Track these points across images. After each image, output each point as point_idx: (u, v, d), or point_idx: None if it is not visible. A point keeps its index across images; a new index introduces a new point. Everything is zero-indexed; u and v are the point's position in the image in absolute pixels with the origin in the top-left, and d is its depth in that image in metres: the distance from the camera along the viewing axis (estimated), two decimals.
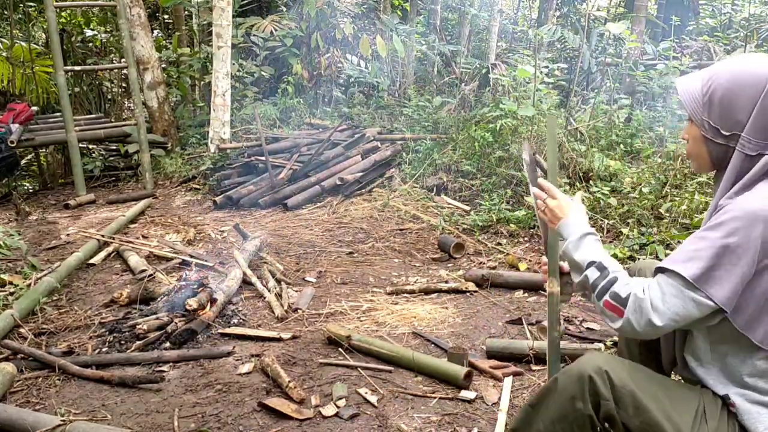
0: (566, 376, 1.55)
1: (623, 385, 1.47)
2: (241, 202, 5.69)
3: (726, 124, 1.44)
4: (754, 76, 1.42)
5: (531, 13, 13.73)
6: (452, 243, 4.36)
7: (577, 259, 1.60)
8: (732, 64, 1.47)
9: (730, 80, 1.44)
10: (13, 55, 8.15)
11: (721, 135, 1.46)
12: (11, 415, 2.32)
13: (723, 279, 1.36)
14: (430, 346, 3.05)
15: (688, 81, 1.54)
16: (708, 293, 1.37)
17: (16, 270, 4.06)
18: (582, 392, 1.50)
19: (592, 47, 7.42)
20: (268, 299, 3.56)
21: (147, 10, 7.98)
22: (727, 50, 8.15)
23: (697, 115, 1.49)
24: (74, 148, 6.32)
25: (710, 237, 1.39)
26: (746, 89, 1.42)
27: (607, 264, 1.55)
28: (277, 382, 2.64)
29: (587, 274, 1.56)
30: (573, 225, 1.67)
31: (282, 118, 7.57)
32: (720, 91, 1.44)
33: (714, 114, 1.46)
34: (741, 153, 1.43)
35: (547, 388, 1.60)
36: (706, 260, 1.37)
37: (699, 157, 1.55)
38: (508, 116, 5.62)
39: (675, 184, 4.70)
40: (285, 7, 8.71)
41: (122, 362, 2.88)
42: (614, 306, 1.48)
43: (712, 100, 1.46)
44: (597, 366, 1.49)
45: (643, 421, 1.45)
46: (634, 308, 1.44)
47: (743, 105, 1.41)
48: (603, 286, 1.51)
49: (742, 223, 1.35)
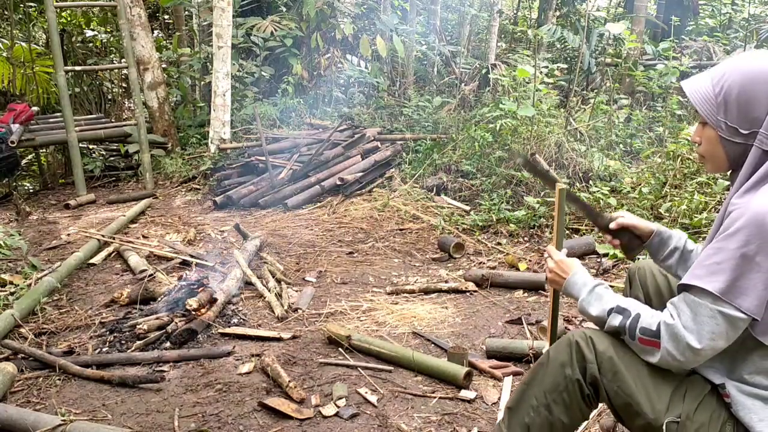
0: (556, 346, 1.63)
1: (604, 350, 1.55)
2: (242, 202, 5.70)
3: (745, 123, 1.43)
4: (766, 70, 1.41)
5: (531, 14, 13.73)
6: (452, 243, 4.36)
7: (595, 313, 1.60)
8: (742, 62, 1.45)
9: (744, 78, 1.42)
10: (13, 56, 8.15)
11: (740, 134, 1.44)
12: (12, 415, 2.33)
13: (749, 288, 1.35)
14: (430, 346, 3.05)
15: (697, 83, 1.51)
16: (736, 304, 1.36)
17: (17, 270, 4.07)
18: (570, 358, 1.58)
19: (592, 47, 7.42)
20: (268, 299, 3.56)
21: (147, 10, 7.99)
22: (726, 50, 8.15)
23: (712, 116, 1.47)
24: (74, 148, 6.33)
25: (728, 248, 1.37)
26: (762, 85, 1.40)
27: (625, 305, 1.54)
28: (277, 382, 2.65)
29: (610, 322, 1.55)
30: (580, 282, 1.66)
31: (282, 118, 7.57)
32: (735, 90, 1.42)
33: (731, 114, 1.43)
34: (759, 149, 1.42)
35: (540, 362, 1.67)
36: (728, 272, 1.36)
37: (715, 158, 1.52)
38: (508, 116, 5.63)
39: (675, 184, 4.71)
40: (285, 8, 8.71)
41: (122, 362, 2.88)
42: (649, 341, 1.47)
43: (727, 99, 1.43)
44: (583, 333, 1.60)
45: (620, 388, 1.52)
46: (668, 337, 1.43)
47: (761, 101, 1.40)
48: (630, 326, 1.50)
49: (756, 229, 1.34)
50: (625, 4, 11.20)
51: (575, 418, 1.62)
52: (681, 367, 1.48)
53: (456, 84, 8.72)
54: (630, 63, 7.01)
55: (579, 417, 1.62)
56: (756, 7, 9.88)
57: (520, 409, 1.67)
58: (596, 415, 2.33)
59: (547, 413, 1.61)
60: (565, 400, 1.59)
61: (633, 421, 1.54)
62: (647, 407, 1.49)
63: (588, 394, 1.58)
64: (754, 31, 8.79)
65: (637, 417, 1.51)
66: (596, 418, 2.32)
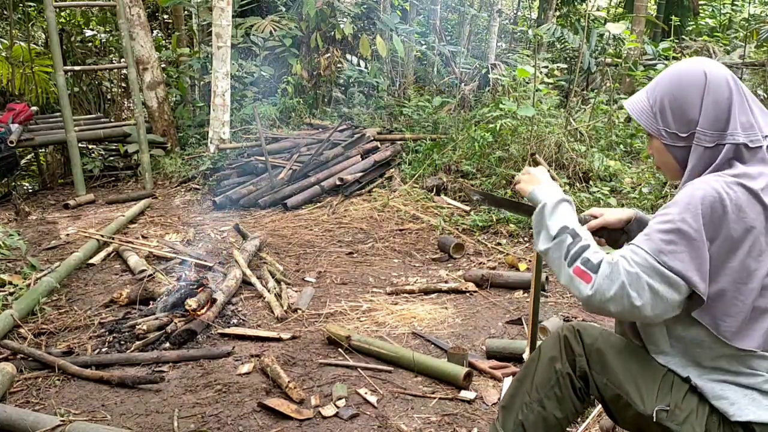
0: (545, 342, 1.67)
1: (592, 343, 1.59)
2: (241, 202, 5.69)
3: (682, 126, 1.51)
4: (691, 74, 1.51)
5: (530, 13, 13.73)
6: (452, 243, 4.36)
7: (550, 224, 1.54)
8: (670, 71, 1.56)
9: (672, 84, 1.52)
10: (12, 55, 8.14)
11: (680, 138, 1.52)
12: (11, 415, 2.32)
13: (682, 254, 1.37)
14: (430, 347, 3.05)
15: (634, 100, 1.60)
16: (669, 265, 1.37)
17: (16, 270, 4.06)
18: (559, 352, 1.61)
19: (592, 47, 7.42)
20: (268, 299, 3.56)
21: (147, 10, 7.98)
22: (726, 50, 8.16)
23: (653, 127, 1.55)
24: (74, 148, 6.32)
25: (667, 214, 1.42)
26: (689, 88, 1.49)
27: (580, 232, 1.52)
28: (277, 383, 2.64)
29: (559, 239, 1.51)
30: (547, 191, 1.64)
31: (282, 118, 7.57)
32: (667, 98, 1.52)
33: (668, 120, 1.52)
34: (699, 146, 1.48)
35: (531, 359, 1.70)
36: (662, 234, 1.39)
37: (667, 166, 1.60)
38: (508, 116, 5.62)
39: (675, 184, 4.70)
40: (284, 7, 8.71)
41: (122, 362, 2.88)
42: (584, 272, 1.44)
43: (662, 109, 1.53)
44: (570, 326, 1.64)
45: (609, 380, 1.55)
46: (605, 274, 1.41)
47: (692, 103, 1.49)
48: (575, 251, 1.47)
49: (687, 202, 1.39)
50: (624, 4, 11.20)
51: (568, 412, 1.64)
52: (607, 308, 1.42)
53: (456, 84, 8.71)
54: (630, 63, 7.00)
55: (572, 411, 1.64)
56: (756, 7, 9.88)
57: (513, 406, 1.69)
58: (596, 415, 2.33)
59: (540, 409, 1.63)
60: (557, 395, 1.61)
61: (624, 413, 1.56)
62: (637, 398, 1.51)
63: (579, 387, 1.61)
64: (754, 31, 8.79)
65: (628, 408, 1.53)
66: (596, 418, 2.32)
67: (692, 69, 1.52)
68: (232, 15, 6.83)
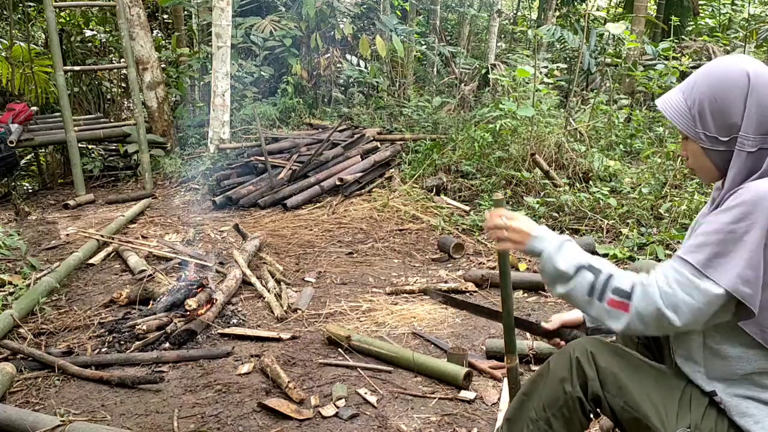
0: (556, 360, 1.59)
1: (607, 366, 1.50)
2: (241, 202, 5.69)
3: (723, 131, 1.43)
4: (733, 75, 1.43)
5: (530, 14, 13.73)
6: (452, 243, 4.35)
7: (563, 267, 1.48)
8: (709, 71, 1.47)
9: (714, 86, 1.44)
10: (12, 55, 8.13)
11: (721, 142, 1.44)
12: (11, 415, 2.32)
13: (730, 265, 1.32)
14: (430, 347, 3.05)
15: (670, 99, 1.52)
16: (714, 278, 1.32)
17: (16, 270, 4.06)
18: (570, 374, 1.53)
19: (592, 47, 7.42)
20: (268, 299, 3.55)
21: (146, 10, 7.98)
22: (726, 50, 8.16)
23: (690, 130, 1.48)
24: (74, 148, 6.32)
25: (719, 221, 1.35)
26: (732, 90, 1.41)
27: (597, 265, 1.46)
28: (277, 383, 2.64)
29: (578, 279, 1.45)
30: (546, 237, 1.55)
31: (281, 118, 7.57)
32: (707, 100, 1.44)
33: (708, 124, 1.45)
34: (741, 151, 1.42)
35: (539, 373, 1.62)
36: (713, 246, 1.34)
37: (704, 169, 1.52)
38: (508, 116, 5.63)
39: (675, 184, 4.71)
40: (284, 7, 8.71)
41: (122, 362, 2.88)
42: (620, 302, 1.40)
43: (701, 111, 1.45)
44: (583, 347, 1.55)
45: (626, 402, 1.49)
46: (641, 296, 1.37)
47: (734, 106, 1.41)
48: (602, 284, 1.42)
49: (752, 206, 1.32)
50: (624, 4, 11.20)
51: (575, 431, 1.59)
52: (645, 332, 1.41)
53: (456, 84, 8.71)
54: (630, 63, 7.00)
55: (579, 430, 1.60)
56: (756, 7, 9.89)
57: (518, 421, 1.64)
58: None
59: (547, 427, 1.58)
60: (564, 415, 1.56)
61: None
62: (656, 420, 1.46)
63: (589, 409, 1.56)
64: (754, 31, 8.79)
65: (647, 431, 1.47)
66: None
67: (734, 69, 1.44)
68: (232, 15, 6.83)
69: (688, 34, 10.15)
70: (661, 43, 6.94)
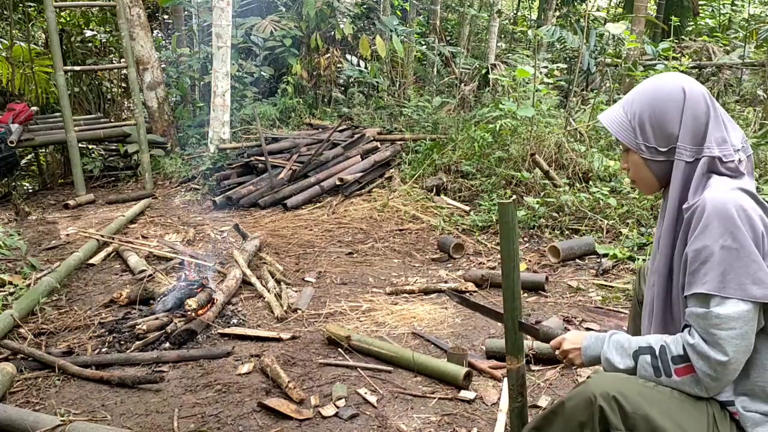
0: (574, 401, 1.51)
1: (635, 410, 1.43)
2: (241, 202, 5.69)
3: (662, 141, 1.52)
4: (670, 90, 1.52)
5: (530, 14, 13.74)
6: (452, 243, 4.36)
7: (622, 366, 1.52)
8: (648, 85, 1.57)
9: (652, 99, 1.53)
10: (12, 55, 8.14)
11: (660, 152, 1.53)
12: (11, 415, 2.32)
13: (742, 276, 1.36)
14: (430, 347, 3.05)
15: (610, 114, 1.61)
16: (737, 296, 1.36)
17: (16, 270, 4.06)
18: (591, 420, 1.46)
19: (592, 47, 7.42)
20: (268, 299, 3.56)
21: (147, 10, 7.98)
22: (726, 50, 8.16)
23: (631, 141, 1.56)
24: (74, 148, 6.32)
25: (705, 245, 1.40)
26: (669, 103, 1.51)
27: (646, 343, 1.50)
28: (277, 383, 2.64)
29: (641, 366, 1.49)
30: (593, 341, 1.60)
31: (282, 118, 7.57)
32: (647, 113, 1.53)
33: (648, 135, 1.54)
34: (681, 161, 1.51)
35: (553, 411, 1.57)
36: (716, 268, 1.38)
37: (645, 180, 1.60)
38: (508, 116, 5.63)
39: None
40: (284, 8, 8.71)
41: (122, 362, 2.88)
42: (685, 369, 1.44)
43: (642, 123, 1.54)
44: (605, 392, 1.45)
45: None
46: (696, 356, 1.41)
47: (671, 118, 1.50)
48: (663, 361, 1.46)
49: (722, 219, 1.38)
50: (624, 4, 11.21)
51: None
52: (721, 386, 1.43)
53: (456, 84, 8.71)
54: (630, 63, 7.00)
55: None
56: (756, 7, 9.89)
57: None
58: None
59: None
60: None
61: None
62: None
63: None
64: (754, 31, 8.80)
65: None
66: None
67: (670, 84, 1.53)
68: (232, 15, 6.83)
69: (688, 34, 10.15)
70: (661, 43, 6.95)
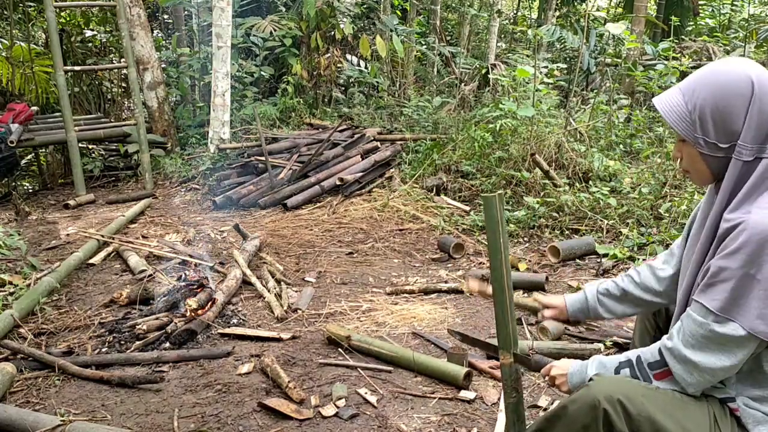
0: (577, 404, 1.50)
1: (639, 412, 1.42)
2: (241, 202, 5.69)
3: (723, 137, 1.41)
4: (737, 82, 1.39)
5: (530, 14, 13.74)
6: (452, 243, 4.36)
7: None
8: (710, 76, 1.43)
9: (716, 93, 1.40)
10: (12, 55, 8.14)
11: (720, 148, 1.42)
12: (11, 415, 2.32)
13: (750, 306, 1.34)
14: (430, 347, 3.05)
15: (668, 101, 1.47)
16: (739, 322, 1.35)
17: (16, 270, 4.06)
18: (595, 423, 1.45)
19: (592, 47, 7.42)
20: (268, 299, 3.56)
21: (147, 10, 7.98)
22: (726, 50, 8.16)
23: (689, 134, 1.44)
24: (74, 148, 6.32)
25: (730, 267, 1.35)
26: (735, 98, 1.38)
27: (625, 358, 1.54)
28: (277, 383, 2.64)
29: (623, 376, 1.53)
30: (579, 368, 1.63)
31: (282, 118, 7.57)
32: (709, 107, 1.40)
33: (709, 130, 1.41)
34: (738, 160, 1.40)
35: (555, 414, 1.56)
36: (730, 290, 1.35)
37: (700, 173, 1.51)
38: (508, 116, 5.62)
39: (674, 184, 4.71)
40: (284, 7, 8.71)
41: (122, 362, 2.88)
42: (662, 373, 1.46)
43: (703, 117, 1.41)
44: (609, 395, 1.44)
45: None
46: (674, 360, 1.42)
47: (737, 114, 1.38)
48: (640, 371, 1.49)
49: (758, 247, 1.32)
50: (624, 4, 11.21)
51: None
52: (700, 387, 1.44)
53: (456, 84, 8.72)
54: (630, 63, 7.00)
55: None
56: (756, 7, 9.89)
57: None
58: None
59: None
60: None
61: None
62: None
63: None
64: (754, 31, 8.80)
65: None
66: None
67: (738, 75, 1.39)
68: (232, 15, 6.83)
69: (688, 34, 10.15)
70: (661, 43, 6.95)
